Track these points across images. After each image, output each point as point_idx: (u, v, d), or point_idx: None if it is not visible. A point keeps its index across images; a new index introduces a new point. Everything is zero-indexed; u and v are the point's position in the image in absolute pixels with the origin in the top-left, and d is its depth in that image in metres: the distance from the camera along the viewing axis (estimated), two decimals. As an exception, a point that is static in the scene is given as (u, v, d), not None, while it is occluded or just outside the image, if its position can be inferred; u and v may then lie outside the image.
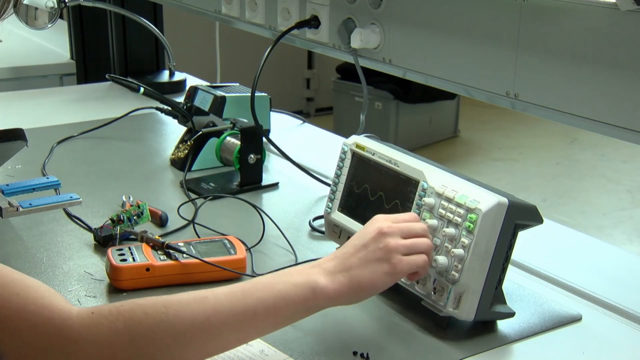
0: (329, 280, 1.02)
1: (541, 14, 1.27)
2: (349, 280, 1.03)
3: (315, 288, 1.01)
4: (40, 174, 1.72)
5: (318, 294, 1.01)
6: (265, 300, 0.98)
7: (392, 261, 1.05)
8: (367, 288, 1.05)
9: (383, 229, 1.07)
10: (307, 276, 1.02)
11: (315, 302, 1.02)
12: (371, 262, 1.05)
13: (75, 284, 1.27)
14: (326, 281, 1.02)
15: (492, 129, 5.69)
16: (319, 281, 1.02)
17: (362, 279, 1.04)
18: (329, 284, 1.02)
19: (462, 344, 1.13)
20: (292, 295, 0.99)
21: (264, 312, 0.98)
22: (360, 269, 1.04)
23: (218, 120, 1.80)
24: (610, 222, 4.33)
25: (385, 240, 1.06)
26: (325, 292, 1.01)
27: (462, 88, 1.44)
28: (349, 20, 1.63)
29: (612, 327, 1.21)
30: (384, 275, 1.05)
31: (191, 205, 1.56)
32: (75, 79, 2.74)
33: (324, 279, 1.02)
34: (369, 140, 1.31)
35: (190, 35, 4.84)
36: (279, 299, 0.99)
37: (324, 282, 1.02)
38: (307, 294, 1.00)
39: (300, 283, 1.01)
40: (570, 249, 1.48)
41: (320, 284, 1.01)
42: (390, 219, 1.10)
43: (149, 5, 2.56)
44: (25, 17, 2.25)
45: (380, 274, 1.05)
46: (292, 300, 1.00)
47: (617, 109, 1.19)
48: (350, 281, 1.03)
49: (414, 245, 1.08)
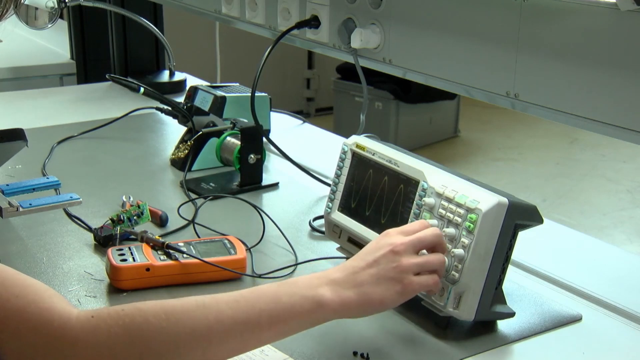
0: (337, 295, 1.00)
1: (541, 14, 1.27)
2: (358, 296, 1.01)
3: (322, 302, 0.99)
4: (40, 174, 1.72)
5: (325, 308, 0.99)
6: (269, 311, 0.96)
7: (404, 282, 1.03)
8: (376, 306, 1.03)
9: (396, 247, 1.05)
10: (314, 289, 1.00)
11: (322, 315, 1.00)
12: (383, 281, 1.03)
13: (75, 284, 1.27)
14: (333, 295, 1.00)
15: (492, 129, 5.69)
16: (326, 295, 1.00)
17: (373, 297, 1.02)
18: (336, 298, 1.00)
19: (462, 344, 1.13)
20: (297, 307, 0.98)
21: (268, 323, 0.96)
22: (371, 286, 1.02)
23: (218, 120, 1.80)
24: (610, 222, 4.33)
25: (398, 259, 1.04)
26: (331, 306, 1.00)
27: (462, 88, 1.44)
28: (349, 20, 1.63)
29: (612, 327, 1.21)
30: (394, 295, 1.03)
31: (191, 205, 1.56)
32: (75, 79, 2.74)
33: (330, 292, 1.00)
34: (369, 140, 1.31)
35: (190, 35, 4.84)
36: (284, 311, 0.97)
37: (331, 296, 1.00)
38: (313, 307, 0.99)
39: (307, 296, 0.99)
40: (570, 249, 1.48)
41: (326, 297, 1.00)
42: (403, 232, 1.08)
43: (149, 5, 2.56)
44: (25, 17, 2.25)
45: (391, 294, 1.03)
46: (298, 313, 0.98)
47: (617, 109, 1.19)
48: (359, 298, 1.01)
49: (427, 264, 1.07)
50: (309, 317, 0.99)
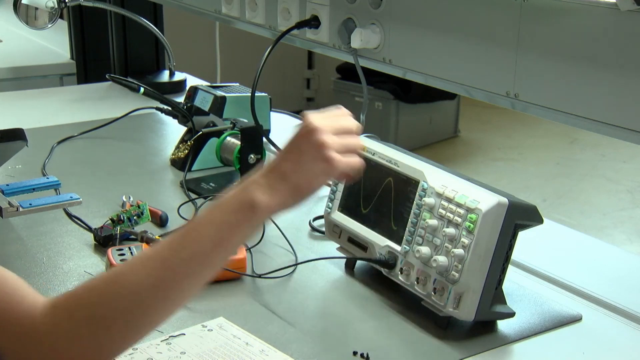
0: (268, 194, 0.98)
1: (541, 14, 1.27)
2: (287, 187, 0.98)
3: (255, 206, 0.97)
4: (40, 174, 1.72)
5: (260, 210, 0.97)
6: (209, 236, 0.95)
7: (328, 160, 0.99)
8: (306, 190, 1.00)
9: (314, 125, 1.01)
10: (244, 197, 0.97)
11: (260, 217, 0.98)
12: (306, 163, 0.99)
13: (75, 284, 1.26)
14: (264, 196, 0.97)
15: (492, 129, 5.68)
16: (257, 199, 0.97)
17: (300, 183, 0.99)
18: (267, 198, 0.97)
19: (462, 344, 1.13)
20: (233, 221, 0.96)
21: (212, 247, 0.95)
22: (296, 173, 0.99)
23: (218, 120, 1.80)
24: (610, 222, 4.33)
25: (316, 138, 0.99)
26: (266, 206, 0.97)
27: (462, 88, 1.44)
28: (349, 20, 1.63)
29: (612, 327, 1.21)
30: (321, 175, 1.00)
31: (191, 205, 1.56)
32: (75, 79, 2.74)
33: (261, 194, 0.97)
34: (369, 140, 1.31)
35: (190, 35, 4.83)
36: (223, 230, 0.96)
37: (262, 197, 0.97)
38: (248, 215, 0.97)
39: (240, 207, 0.97)
40: (570, 249, 1.48)
41: (258, 200, 0.97)
42: (321, 115, 1.04)
43: (149, 5, 2.56)
44: (25, 17, 2.26)
45: (317, 174, 0.99)
46: (236, 225, 0.96)
47: (617, 109, 1.19)
48: (288, 188, 0.98)
49: (349, 144, 1.02)
50: (248, 225, 0.97)
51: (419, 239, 1.17)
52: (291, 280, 1.31)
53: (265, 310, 1.21)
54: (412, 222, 1.18)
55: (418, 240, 1.17)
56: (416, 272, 1.17)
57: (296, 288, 1.29)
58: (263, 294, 1.26)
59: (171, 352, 1.09)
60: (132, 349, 1.09)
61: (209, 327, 1.15)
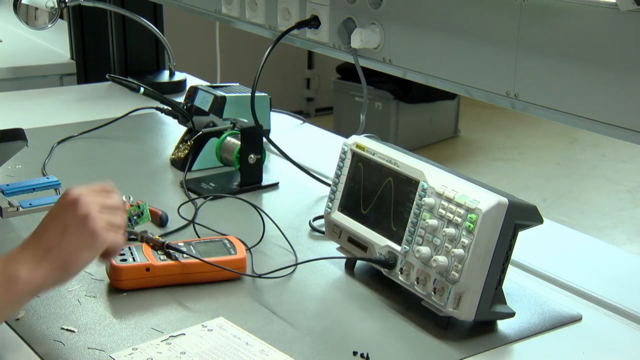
0: (29, 269, 0.93)
1: (541, 14, 1.27)
2: (51, 262, 0.95)
3: (14, 281, 0.92)
4: (40, 174, 1.72)
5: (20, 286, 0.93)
6: None
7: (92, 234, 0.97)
8: (72, 266, 0.97)
9: (78, 197, 0.98)
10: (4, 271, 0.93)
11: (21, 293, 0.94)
12: (70, 235, 0.96)
13: (75, 284, 1.26)
14: (25, 271, 0.93)
15: (492, 129, 5.68)
16: (17, 273, 0.93)
17: (64, 257, 0.95)
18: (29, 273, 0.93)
19: (462, 344, 1.13)
20: None
21: None
22: (59, 247, 0.95)
23: (218, 120, 1.80)
24: (610, 222, 4.33)
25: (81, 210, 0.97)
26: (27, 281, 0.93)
27: (462, 88, 1.44)
28: (349, 20, 1.63)
29: (612, 327, 1.21)
30: (85, 250, 0.97)
31: (191, 205, 1.56)
32: (75, 79, 2.74)
33: (23, 269, 0.93)
34: (369, 140, 1.31)
35: (190, 35, 4.83)
36: None
37: (24, 272, 0.93)
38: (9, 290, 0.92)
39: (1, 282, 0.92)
40: (570, 249, 1.48)
41: (18, 275, 0.93)
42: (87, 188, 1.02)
43: (149, 5, 2.56)
44: (25, 17, 2.26)
45: (81, 249, 0.96)
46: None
47: (617, 109, 1.19)
48: (52, 263, 0.94)
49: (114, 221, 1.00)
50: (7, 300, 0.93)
51: (419, 239, 1.17)
52: (291, 280, 1.31)
53: (265, 310, 1.21)
54: (412, 222, 1.18)
55: (418, 240, 1.17)
56: (416, 272, 1.17)
57: (296, 288, 1.29)
58: (263, 294, 1.26)
59: (171, 352, 1.09)
60: (132, 349, 1.09)
61: (209, 327, 1.15)
